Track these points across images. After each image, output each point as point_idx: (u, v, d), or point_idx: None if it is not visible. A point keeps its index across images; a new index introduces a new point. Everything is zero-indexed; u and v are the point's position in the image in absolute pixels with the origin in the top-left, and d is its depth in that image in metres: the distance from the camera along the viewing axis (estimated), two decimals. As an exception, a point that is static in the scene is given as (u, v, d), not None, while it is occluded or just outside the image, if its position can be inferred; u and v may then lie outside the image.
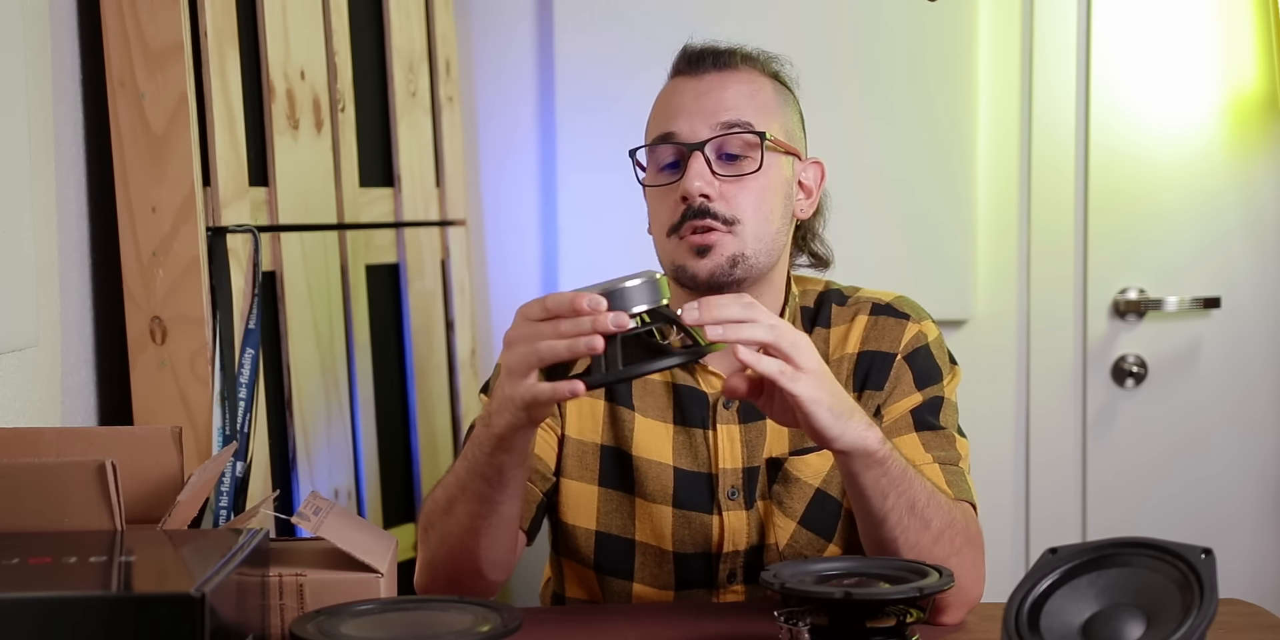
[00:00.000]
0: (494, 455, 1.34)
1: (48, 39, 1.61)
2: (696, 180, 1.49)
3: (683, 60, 1.58)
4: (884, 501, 1.35)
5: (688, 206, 1.50)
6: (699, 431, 1.58)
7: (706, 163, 1.50)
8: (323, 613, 1.16)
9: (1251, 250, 2.51)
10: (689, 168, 1.50)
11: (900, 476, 1.35)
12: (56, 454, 1.28)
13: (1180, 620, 1.07)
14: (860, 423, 1.32)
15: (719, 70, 1.55)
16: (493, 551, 1.44)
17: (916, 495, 1.36)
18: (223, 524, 1.66)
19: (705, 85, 1.54)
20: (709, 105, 1.53)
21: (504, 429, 1.31)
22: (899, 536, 1.36)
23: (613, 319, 1.22)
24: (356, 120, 2.06)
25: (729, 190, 1.51)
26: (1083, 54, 2.47)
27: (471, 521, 1.40)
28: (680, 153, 1.52)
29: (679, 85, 1.57)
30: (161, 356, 1.71)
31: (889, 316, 1.60)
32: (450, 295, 2.31)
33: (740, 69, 1.56)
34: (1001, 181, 2.48)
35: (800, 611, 1.24)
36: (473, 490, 1.38)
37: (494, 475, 1.36)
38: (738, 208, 1.50)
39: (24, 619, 0.94)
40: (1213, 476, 2.53)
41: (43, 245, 1.57)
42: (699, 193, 1.49)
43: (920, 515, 1.36)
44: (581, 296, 1.23)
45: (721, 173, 1.51)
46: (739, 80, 1.55)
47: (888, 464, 1.34)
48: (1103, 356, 2.52)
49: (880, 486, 1.35)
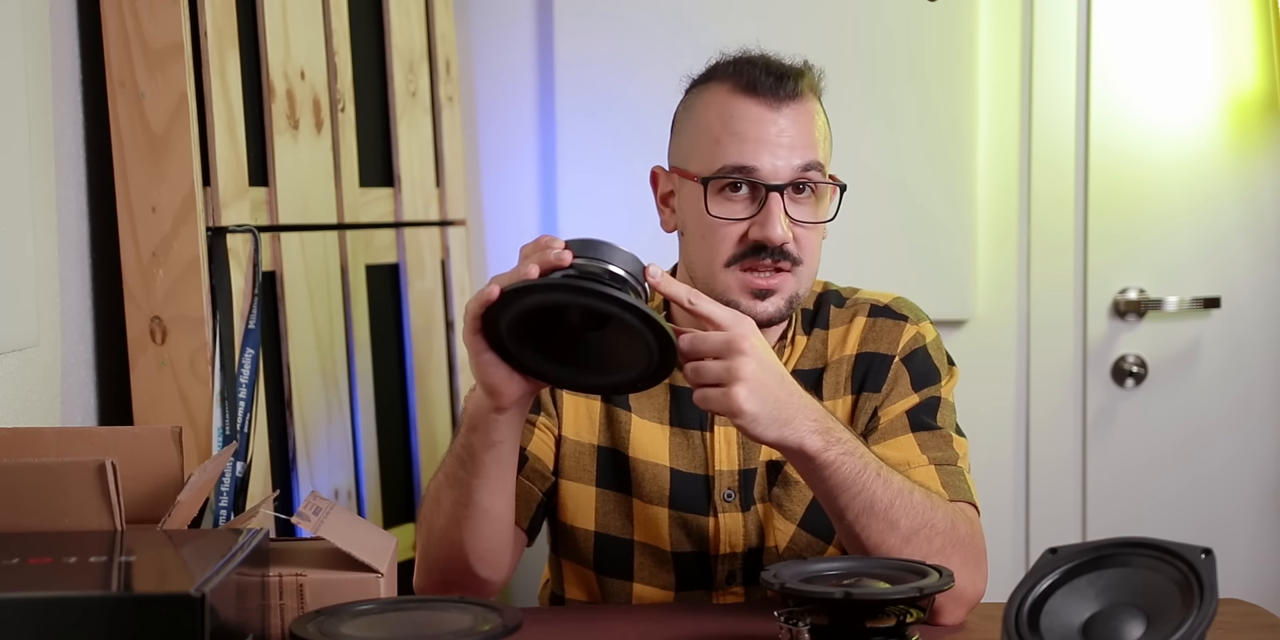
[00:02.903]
0: (466, 435, 1.38)
1: (48, 39, 1.61)
2: (779, 226, 1.48)
3: (758, 79, 1.51)
4: (834, 501, 1.37)
5: (759, 246, 1.49)
6: (696, 433, 1.58)
7: (784, 205, 1.49)
8: (323, 613, 1.16)
9: (1251, 250, 2.51)
10: (770, 211, 1.48)
11: (853, 478, 1.35)
12: (56, 454, 1.28)
13: (1180, 620, 1.07)
14: (804, 425, 1.32)
15: (794, 99, 1.51)
16: (479, 545, 1.44)
17: (876, 497, 1.36)
18: (223, 524, 1.66)
19: (785, 120, 1.50)
20: (788, 144, 1.49)
21: (472, 408, 1.36)
22: (859, 535, 1.37)
23: (558, 254, 1.26)
24: (356, 120, 2.06)
25: (799, 232, 1.51)
26: (1083, 54, 2.47)
27: (454, 510, 1.42)
28: (753, 187, 1.50)
29: (750, 110, 1.50)
30: (161, 356, 1.71)
31: (887, 318, 1.60)
32: (450, 295, 2.31)
33: (806, 96, 1.53)
34: (1001, 181, 2.48)
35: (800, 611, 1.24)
36: (453, 477, 1.42)
37: (467, 457, 1.39)
38: (805, 249, 1.51)
39: (24, 619, 0.94)
40: (1213, 476, 2.53)
41: (43, 245, 1.57)
42: (782, 240, 1.48)
43: (883, 516, 1.36)
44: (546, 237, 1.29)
45: (796, 217, 1.50)
46: (808, 113, 1.52)
47: (835, 466, 1.34)
48: (1103, 356, 2.52)
49: (826, 488, 1.36)
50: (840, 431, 1.36)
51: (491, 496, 1.41)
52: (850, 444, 1.36)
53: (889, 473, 1.38)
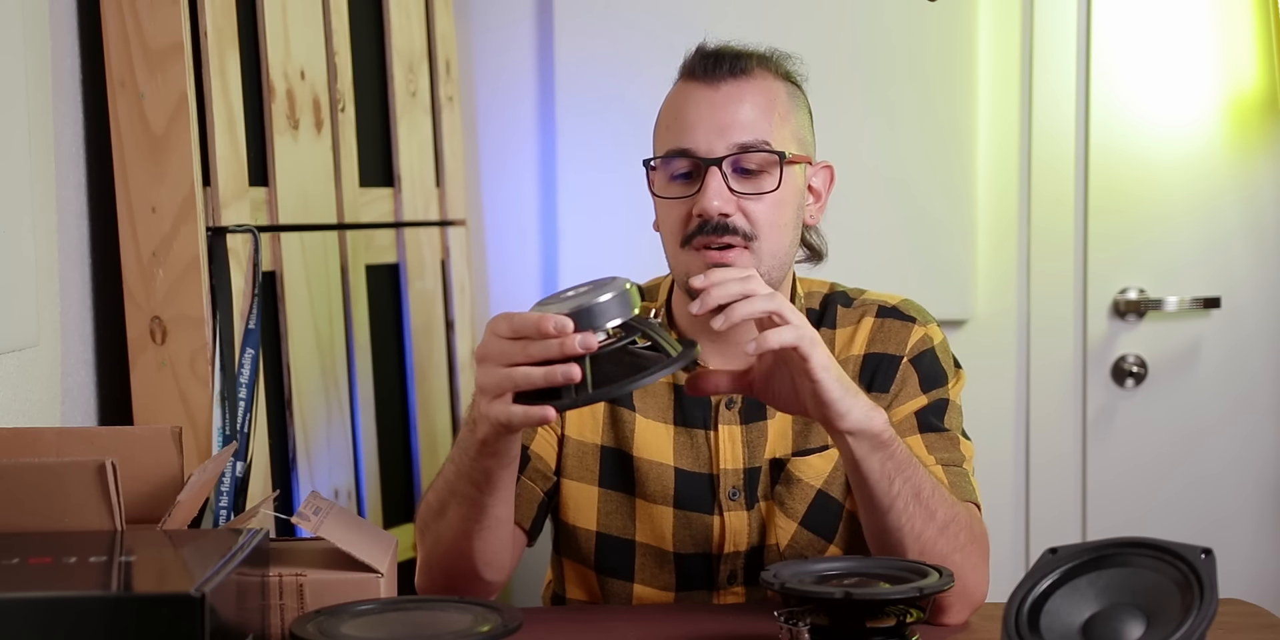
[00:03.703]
0: (479, 460, 1.34)
1: (48, 39, 1.61)
2: (715, 199, 1.47)
3: (696, 63, 1.53)
4: (890, 487, 1.35)
5: (704, 221, 1.48)
6: (700, 432, 1.58)
7: (723, 178, 1.48)
8: (323, 613, 1.16)
9: (1251, 250, 2.51)
10: (707, 184, 1.47)
11: (905, 462, 1.36)
12: (56, 454, 1.28)
13: (1180, 620, 1.07)
14: (865, 403, 1.33)
15: (734, 77, 1.51)
16: (487, 552, 1.44)
17: (921, 483, 1.37)
18: (223, 524, 1.66)
19: (722, 97, 1.50)
20: (725, 119, 1.49)
21: (487, 435, 1.31)
22: (904, 524, 1.36)
23: (580, 341, 1.20)
24: (356, 120, 2.06)
25: (746, 205, 1.49)
26: (1083, 54, 2.47)
27: (463, 524, 1.40)
28: (695, 165, 1.50)
29: (692, 93, 1.52)
30: (161, 356, 1.71)
31: (895, 319, 1.60)
32: (450, 295, 2.31)
33: (755, 74, 1.52)
34: (1001, 181, 2.48)
35: (800, 611, 1.24)
36: (462, 494, 1.38)
37: (481, 479, 1.36)
38: (756, 223, 1.49)
39: (24, 619, 0.94)
40: (1213, 476, 2.53)
41: (43, 245, 1.57)
42: (718, 212, 1.47)
43: (925, 505, 1.36)
44: (547, 319, 1.21)
45: (739, 189, 1.49)
46: (755, 89, 1.51)
47: (893, 447, 1.34)
48: (1103, 356, 2.52)
49: (886, 470, 1.35)
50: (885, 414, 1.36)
51: (504, 506, 1.41)
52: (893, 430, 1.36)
53: (919, 460, 1.39)
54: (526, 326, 1.22)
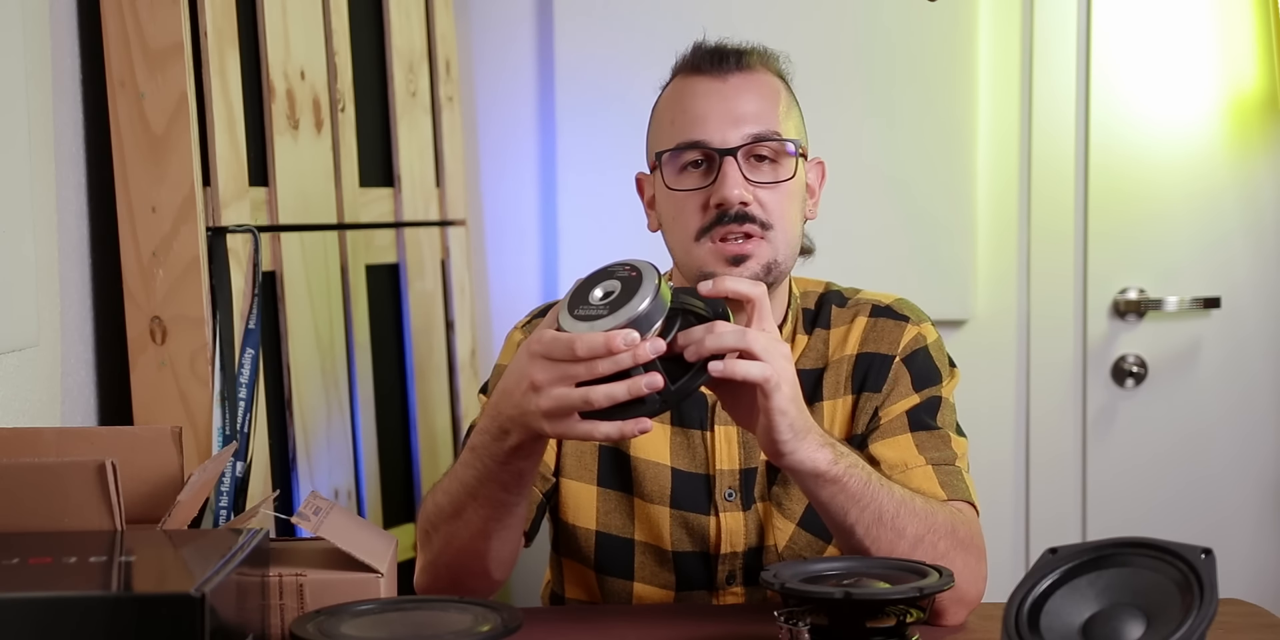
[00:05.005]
0: (511, 463, 1.33)
1: (48, 39, 1.61)
2: (735, 187, 1.47)
3: (700, 58, 1.54)
4: (845, 516, 1.35)
5: (722, 212, 1.48)
6: (697, 432, 1.58)
7: (739, 168, 1.49)
8: (323, 613, 1.16)
9: (1251, 250, 2.51)
10: (725, 174, 1.48)
11: (861, 491, 1.34)
12: (56, 454, 1.28)
13: (1180, 620, 1.07)
14: (813, 442, 1.31)
15: (740, 70, 1.52)
16: (502, 551, 1.44)
17: (884, 507, 1.35)
18: (223, 524, 1.66)
19: (731, 88, 1.51)
20: (737, 110, 1.50)
21: (522, 440, 1.30)
22: (870, 546, 1.36)
23: (651, 347, 1.21)
24: (356, 120, 2.06)
25: (761, 195, 1.49)
26: (1083, 54, 2.47)
27: (484, 525, 1.40)
28: (708, 156, 1.50)
29: (698, 86, 1.53)
30: (161, 356, 1.71)
31: (888, 319, 1.60)
32: (450, 295, 2.31)
33: (757, 70, 1.54)
34: (1001, 181, 2.48)
35: (800, 611, 1.24)
36: (486, 496, 1.37)
37: (513, 481, 1.36)
38: (771, 213, 1.49)
39: (24, 619, 0.94)
40: (1213, 476, 2.53)
41: (43, 245, 1.57)
42: (739, 200, 1.47)
43: (891, 526, 1.36)
44: (615, 337, 1.20)
45: (754, 178, 1.49)
46: (760, 83, 1.53)
47: (843, 481, 1.33)
48: (1103, 356, 2.52)
49: (838, 502, 1.34)
50: (841, 445, 1.35)
51: (525, 503, 1.42)
52: (851, 457, 1.35)
53: (888, 482, 1.38)
54: (595, 349, 1.21)
